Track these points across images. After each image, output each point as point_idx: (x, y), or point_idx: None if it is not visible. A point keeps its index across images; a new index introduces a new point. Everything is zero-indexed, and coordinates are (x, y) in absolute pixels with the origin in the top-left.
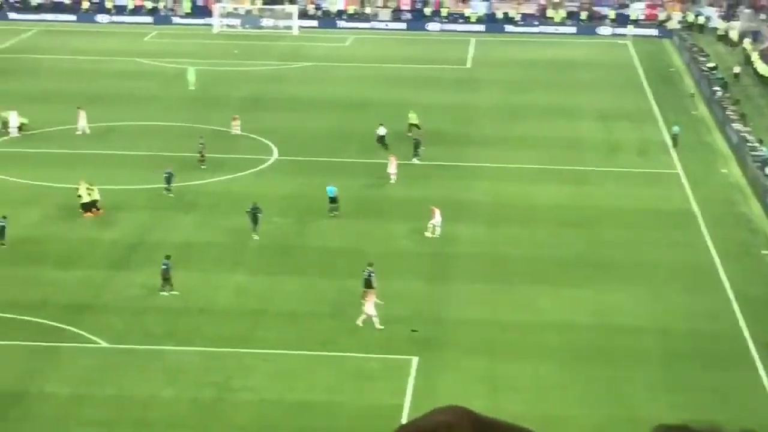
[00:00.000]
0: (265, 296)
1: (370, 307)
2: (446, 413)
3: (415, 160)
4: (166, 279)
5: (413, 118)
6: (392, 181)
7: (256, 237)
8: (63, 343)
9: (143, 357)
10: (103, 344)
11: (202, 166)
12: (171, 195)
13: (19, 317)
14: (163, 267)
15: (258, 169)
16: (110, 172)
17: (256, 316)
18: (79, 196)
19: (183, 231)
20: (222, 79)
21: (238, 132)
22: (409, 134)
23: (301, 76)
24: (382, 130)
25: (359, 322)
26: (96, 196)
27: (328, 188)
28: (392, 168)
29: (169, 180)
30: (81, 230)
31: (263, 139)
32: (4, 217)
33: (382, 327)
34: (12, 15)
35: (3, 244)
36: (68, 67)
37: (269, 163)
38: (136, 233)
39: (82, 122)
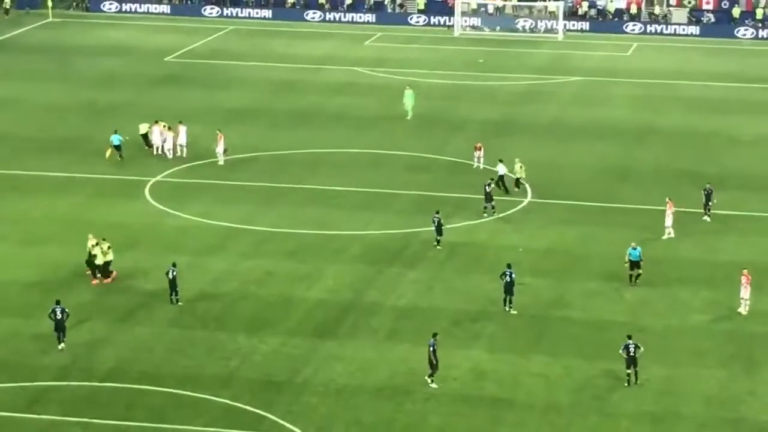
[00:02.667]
0: (510, 381)
1: None
2: None
3: (705, 218)
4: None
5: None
6: (667, 236)
7: (513, 312)
8: (251, 431)
9: None
10: None
11: (486, 214)
12: (439, 248)
13: (196, 395)
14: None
15: (506, 213)
16: (317, 212)
17: (498, 406)
18: (93, 255)
19: (406, 290)
20: (462, 95)
21: (480, 165)
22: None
23: (565, 95)
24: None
25: None
26: (110, 256)
27: (632, 250)
28: (668, 219)
29: (439, 228)
30: (276, 285)
31: (511, 175)
32: (174, 266)
33: None
34: (206, 10)
35: (177, 301)
36: (266, 76)
37: (521, 206)
38: (347, 292)
39: (220, 147)
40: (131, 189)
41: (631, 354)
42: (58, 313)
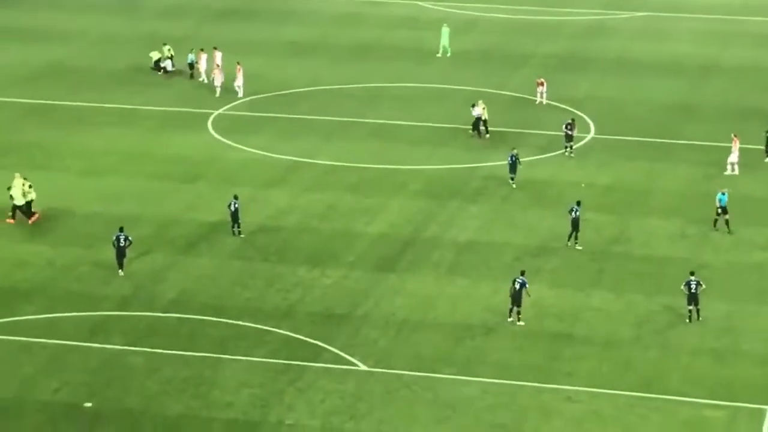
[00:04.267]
0: (570, 316)
1: None
2: None
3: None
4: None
5: None
6: (729, 172)
7: (578, 248)
8: (311, 363)
9: (410, 386)
10: (361, 367)
11: (567, 153)
12: (514, 185)
13: (257, 326)
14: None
15: (569, 149)
16: (378, 146)
17: (558, 340)
18: (11, 196)
19: (467, 225)
20: (525, 30)
21: (544, 101)
22: None
23: (631, 29)
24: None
25: None
26: (32, 196)
27: (721, 195)
28: (733, 155)
29: (514, 165)
30: (337, 219)
31: (576, 111)
32: (236, 198)
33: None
34: None
35: (240, 233)
36: (327, 9)
37: (584, 142)
38: (408, 226)
39: (239, 80)
40: (194, 121)
41: (693, 290)
42: (121, 240)
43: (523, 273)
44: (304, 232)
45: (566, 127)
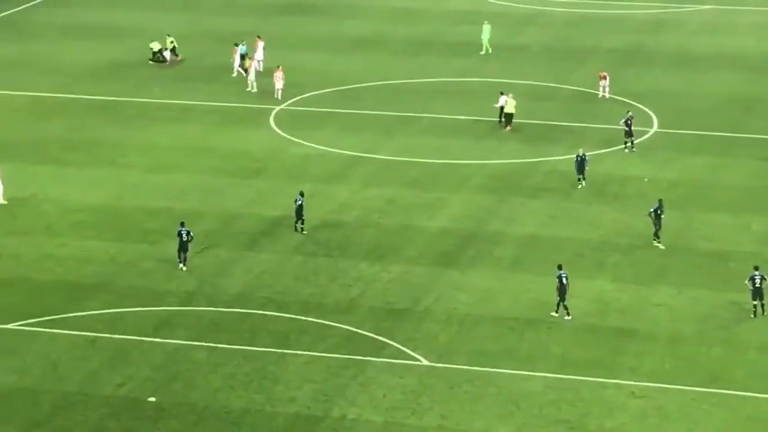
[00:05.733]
0: (634, 311)
1: None
2: None
3: None
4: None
5: None
6: None
7: (659, 245)
8: (373, 358)
9: (473, 381)
10: (423, 362)
11: (627, 148)
12: (582, 185)
13: (319, 321)
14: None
15: (630, 144)
16: (440, 141)
17: (621, 336)
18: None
19: (528, 220)
20: (587, 23)
21: (607, 95)
22: None
23: (694, 23)
24: None
25: None
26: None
27: None
28: None
29: (582, 164)
30: (398, 214)
31: (639, 105)
32: (302, 195)
33: None
34: None
35: (302, 230)
36: (388, 4)
37: (646, 136)
38: (470, 221)
39: (279, 83)
40: (256, 117)
41: (757, 285)
42: (183, 234)
43: (560, 267)
44: (365, 227)
45: (625, 123)
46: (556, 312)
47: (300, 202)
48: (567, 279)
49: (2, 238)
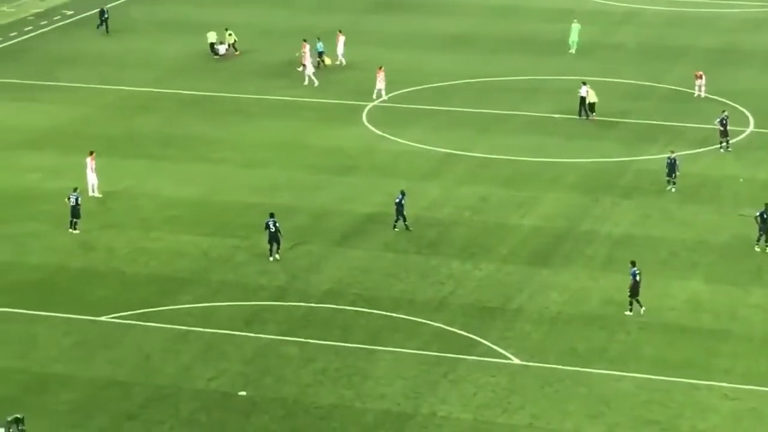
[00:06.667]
0: (728, 312)
1: None
2: None
3: None
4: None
5: None
6: None
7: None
8: (464, 356)
9: (564, 380)
10: (514, 360)
11: (722, 148)
12: (673, 190)
13: (411, 318)
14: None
15: (725, 144)
16: (533, 139)
17: (714, 337)
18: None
19: (621, 219)
20: (684, 22)
21: (702, 94)
22: None
23: None
24: None
25: None
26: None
27: None
28: None
29: (673, 167)
30: (491, 212)
31: (736, 105)
32: (403, 193)
33: None
34: None
35: (407, 227)
36: (484, 1)
37: (742, 136)
38: (562, 219)
39: (381, 83)
40: (349, 114)
41: None
42: (271, 226)
43: (633, 263)
44: (457, 224)
45: (720, 122)
46: (630, 310)
47: (398, 200)
48: (640, 276)
49: (97, 232)
